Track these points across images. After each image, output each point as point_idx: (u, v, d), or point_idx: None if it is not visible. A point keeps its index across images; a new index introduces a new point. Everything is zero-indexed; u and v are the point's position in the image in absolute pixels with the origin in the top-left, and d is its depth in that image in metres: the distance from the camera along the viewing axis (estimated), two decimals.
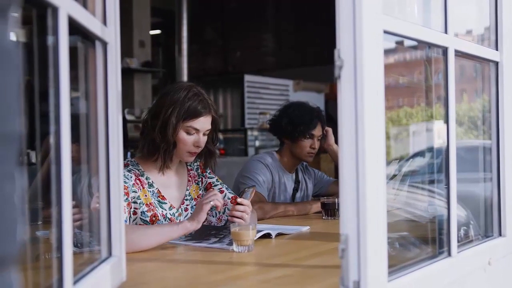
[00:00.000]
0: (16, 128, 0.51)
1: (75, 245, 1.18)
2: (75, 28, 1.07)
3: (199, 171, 2.37)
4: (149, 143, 2.16)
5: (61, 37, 0.97)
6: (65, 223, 0.98)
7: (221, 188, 2.34)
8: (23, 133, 0.53)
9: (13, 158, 0.51)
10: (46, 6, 0.95)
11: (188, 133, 2.14)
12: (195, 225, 1.93)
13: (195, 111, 2.12)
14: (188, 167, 2.35)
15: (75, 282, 1.05)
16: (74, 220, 1.08)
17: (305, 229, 2.30)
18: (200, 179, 2.36)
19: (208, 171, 2.38)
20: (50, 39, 0.97)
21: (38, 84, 1.01)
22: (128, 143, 3.99)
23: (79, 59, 1.27)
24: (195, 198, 2.30)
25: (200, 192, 2.33)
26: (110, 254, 1.33)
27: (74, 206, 1.03)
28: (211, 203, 1.96)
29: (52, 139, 0.97)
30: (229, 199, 2.31)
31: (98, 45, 1.30)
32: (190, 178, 2.33)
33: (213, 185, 2.35)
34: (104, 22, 1.31)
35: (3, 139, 0.49)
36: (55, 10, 0.96)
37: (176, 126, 2.11)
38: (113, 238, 1.34)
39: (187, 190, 2.30)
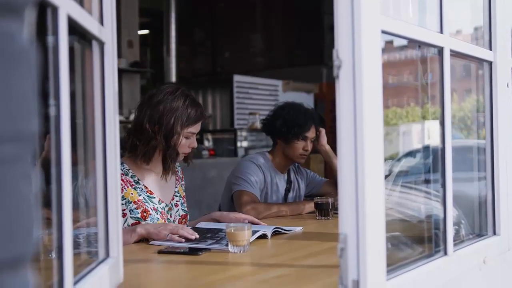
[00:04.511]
0: (32, 128, 0.50)
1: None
2: (72, 27, 1.06)
3: (181, 175, 2.45)
4: (150, 150, 2.17)
5: (61, 37, 0.96)
6: (65, 224, 0.97)
7: (182, 201, 2.40)
8: (39, 133, 0.52)
9: (29, 158, 0.51)
10: (45, 6, 0.94)
11: (187, 137, 2.22)
12: (143, 233, 1.97)
13: (196, 118, 2.21)
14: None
15: (75, 283, 1.04)
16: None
17: (299, 229, 2.30)
18: (183, 182, 2.45)
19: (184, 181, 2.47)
20: (49, 39, 0.96)
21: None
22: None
23: (75, 59, 1.26)
24: (183, 196, 2.38)
25: (183, 193, 2.43)
26: (107, 255, 1.32)
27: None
28: (168, 236, 1.95)
29: (52, 139, 0.96)
30: (179, 216, 2.36)
31: (95, 45, 1.29)
32: (177, 177, 2.40)
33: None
34: (101, 21, 1.30)
35: (20, 138, 0.48)
36: (55, 9, 0.95)
37: (180, 134, 2.19)
38: (110, 240, 1.33)
39: (176, 187, 2.36)
